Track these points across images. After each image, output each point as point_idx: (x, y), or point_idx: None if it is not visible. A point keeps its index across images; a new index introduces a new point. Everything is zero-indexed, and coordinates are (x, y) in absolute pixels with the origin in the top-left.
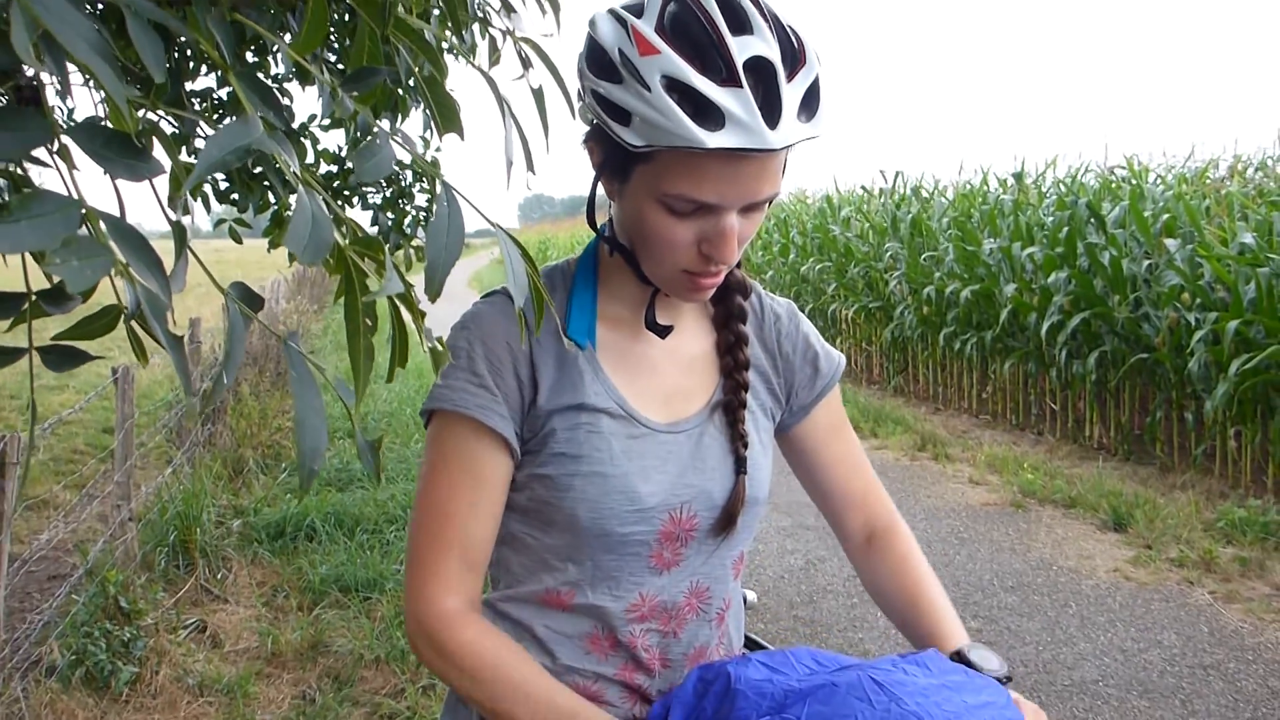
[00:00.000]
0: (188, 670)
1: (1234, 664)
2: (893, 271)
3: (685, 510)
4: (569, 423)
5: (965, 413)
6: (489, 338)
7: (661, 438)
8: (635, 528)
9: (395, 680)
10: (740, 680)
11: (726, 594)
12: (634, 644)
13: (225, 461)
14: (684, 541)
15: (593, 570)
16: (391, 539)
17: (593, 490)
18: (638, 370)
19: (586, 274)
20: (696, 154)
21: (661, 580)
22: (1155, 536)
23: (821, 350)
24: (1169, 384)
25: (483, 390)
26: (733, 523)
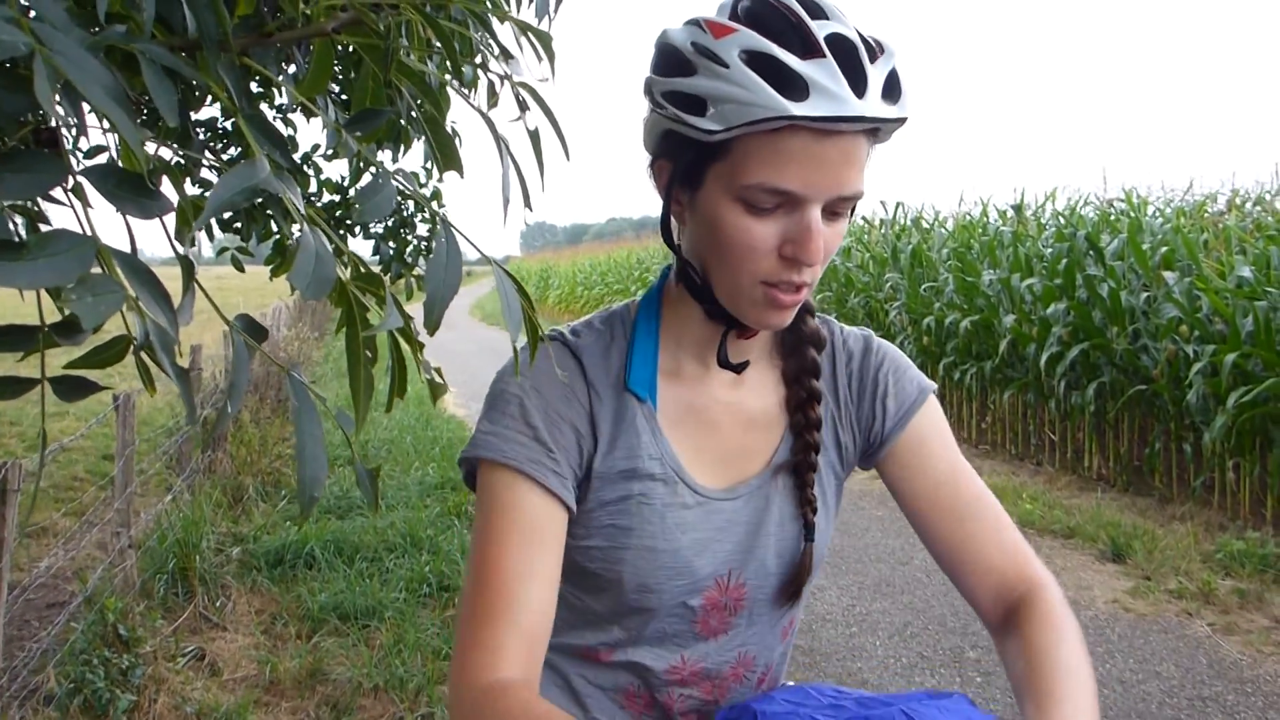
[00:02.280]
0: (186, 699)
1: (1232, 696)
2: (893, 302)
3: (734, 578)
4: (621, 491)
5: (965, 443)
6: (544, 387)
7: (718, 506)
8: (681, 597)
9: (394, 709)
10: (764, 715)
11: (772, 660)
12: (670, 705)
13: (225, 489)
14: (733, 610)
15: (634, 633)
16: (391, 566)
17: (643, 564)
18: (698, 428)
19: (649, 320)
20: (778, 137)
21: (706, 647)
22: (1154, 568)
23: (893, 384)
24: (1167, 415)
25: (537, 444)
26: (798, 594)
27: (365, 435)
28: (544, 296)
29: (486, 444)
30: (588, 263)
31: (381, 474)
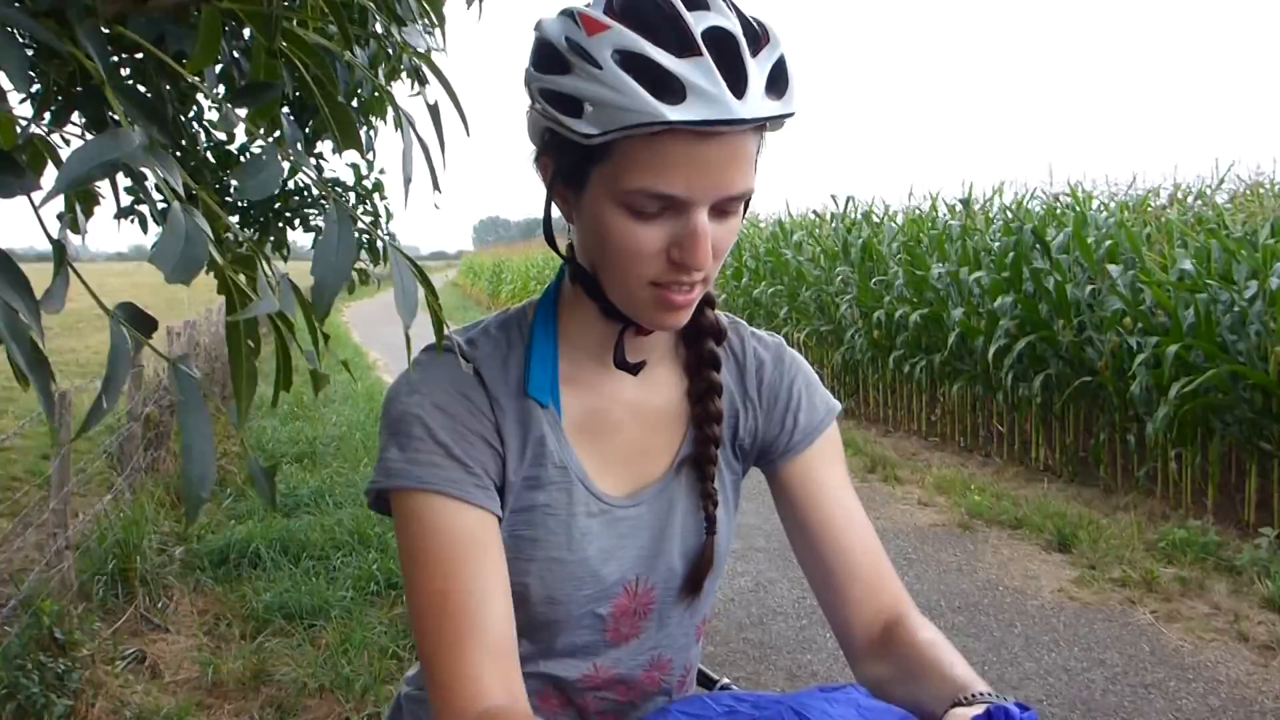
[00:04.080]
0: (125, 702)
1: (1174, 682)
2: (844, 295)
3: (642, 583)
4: (527, 501)
5: (915, 435)
6: (446, 402)
7: (624, 513)
8: (589, 606)
9: (339, 709)
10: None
11: (688, 662)
12: (586, 707)
13: (169, 488)
14: (642, 614)
15: (545, 646)
16: (338, 565)
17: (549, 576)
18: (601, 432)
19: (546, 323)
20: (657, 140)
21: (619, 653)
22: (1099, 557)
23: (805, 401)
24: (1112, 407)
25: (452, 462)
26: (699, 588)
27: (312, 432)
28: (497, 291)
29: (401, 473)
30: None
31: (331, 472)
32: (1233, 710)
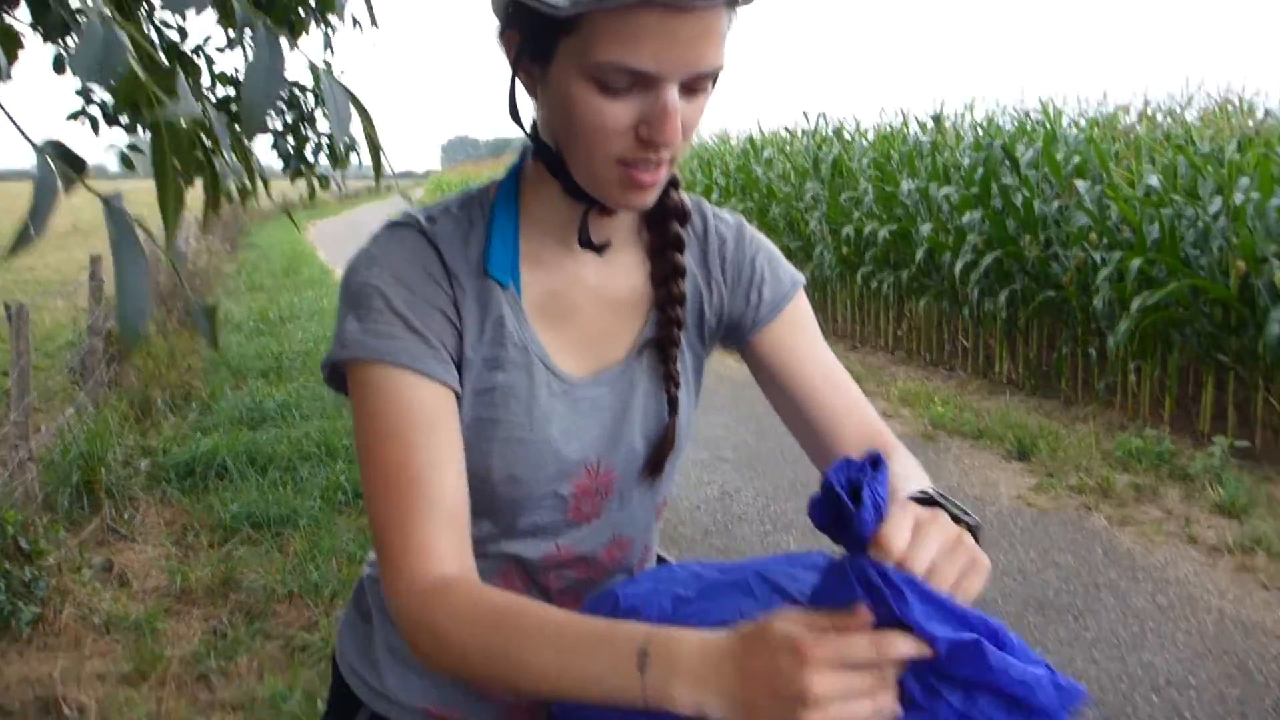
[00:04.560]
0: (93, 609)
1: (1125, 583)
2: (813, 211)
3: (603, 464)
4: (487, 382)
5: (881, 350)
6: (405, 275)
7: (584, 394)
8: (551, 486)
9: (309, 613)
10: (627, 598)
11: (648, 541)
12: (548, 585)
13: (132, 402)
14: (603, 494)
15: (507, 525)
16: (305, 475)
17: (511, 456)
18: (562, 314)
19: (508, 202)
20: (629, 13)
21: (580, 533)
22: (1057, 465)
23: (769, 274)
24: (1075, 321)
25: (411, 335)
26: (660, 469)
27: (280, 347)
28: None
29: (359, 344)
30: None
31: (297, 386)
32: (1180, 607)
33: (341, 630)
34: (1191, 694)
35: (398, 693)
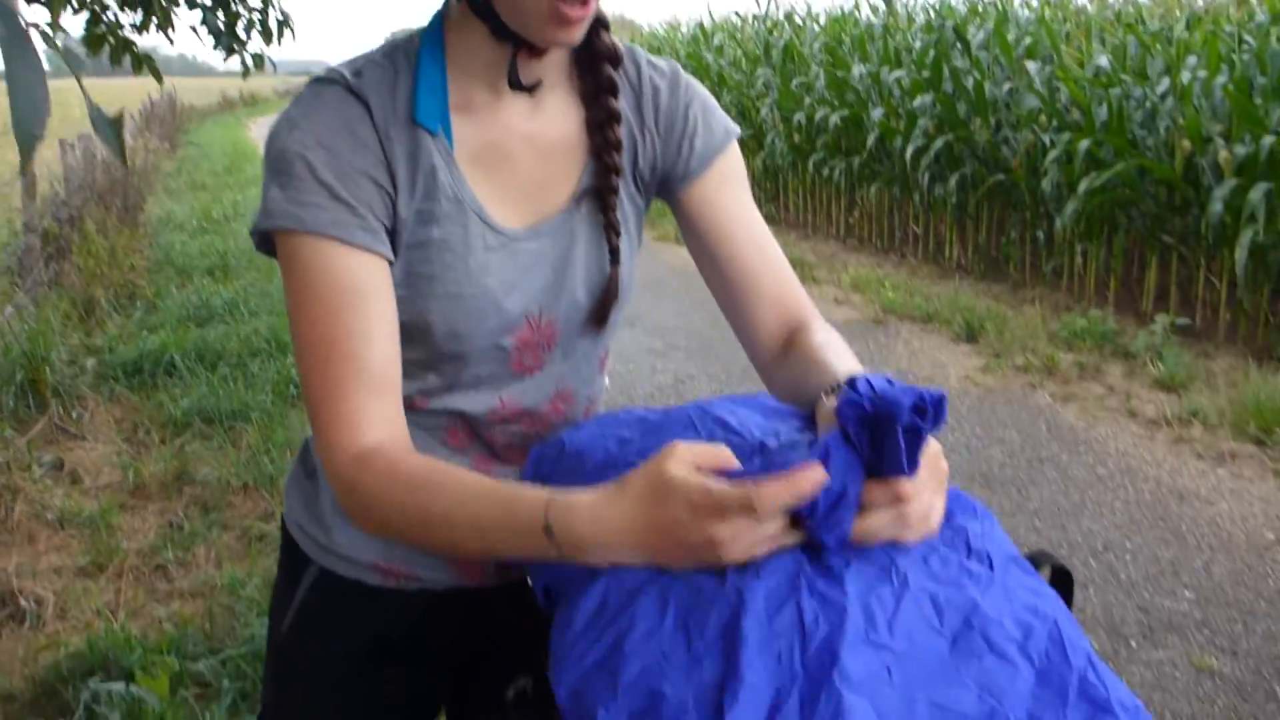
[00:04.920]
0: (45, 505)
1: (1067, 456)
2: (764, 99)
3: (545, 315)
4: (421, 236)
5: (833, 238)
6: (330, 139)
7: (522, 246)
8: (493, 339)
9: (265, 504)
10: (573, 443)
11: (592, 393)
12: (493, 440)
13: (74, 301)
14: (546, 347)
15: (450, 379)
16: (256, 371)
17: (451, 311)
18: (495, 163)
19: (433, 47)
20: None
21: (524, 385)
22: (1004, 346)
23: (702, 124)
24: (1024, 205)
25: (336, 204)
26: (604, 320)
27: (225, 245)
28: None
29: (283, 213)
30: None
31: (245, 283)
32: (1119, 477)
33: (288, 488)
34: (1128, 557)
35: (346, 549)
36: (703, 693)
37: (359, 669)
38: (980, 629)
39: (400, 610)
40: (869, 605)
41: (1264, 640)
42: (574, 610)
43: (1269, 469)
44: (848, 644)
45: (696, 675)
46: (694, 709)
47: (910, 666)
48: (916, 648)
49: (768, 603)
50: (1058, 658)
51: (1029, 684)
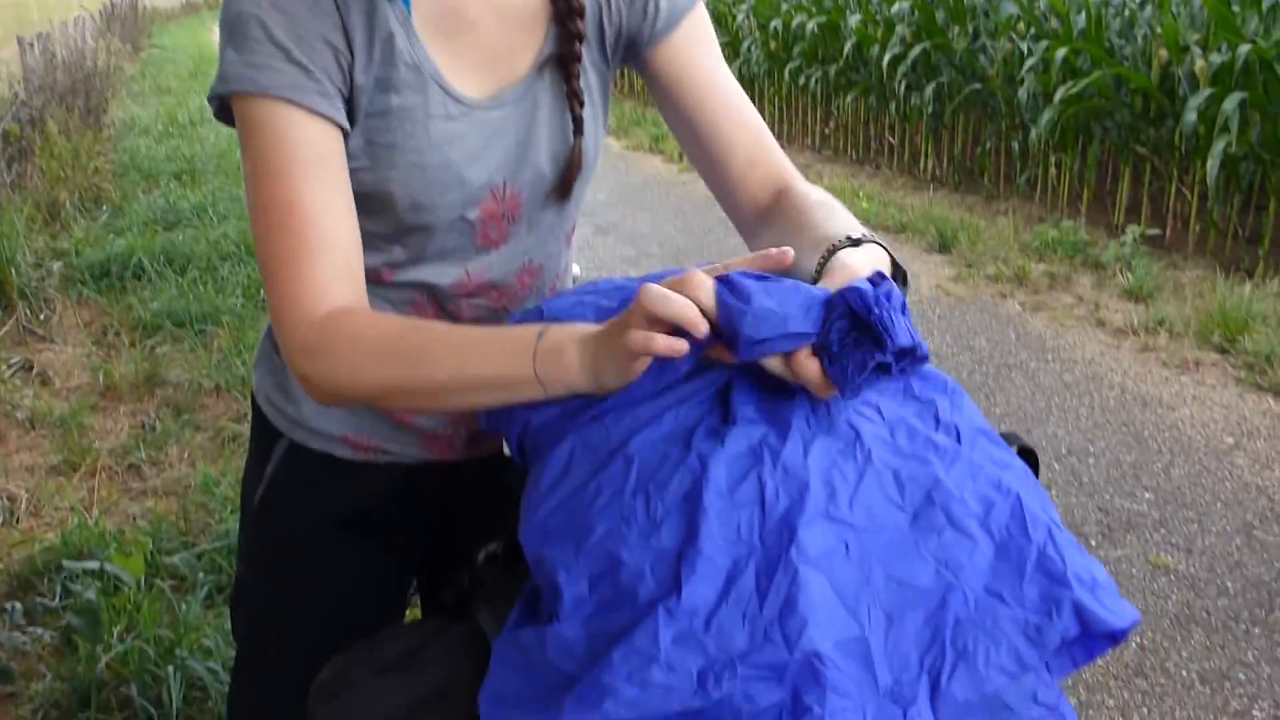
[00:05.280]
0: (15, 406)
1: (1035, 363)
2: (740, 4)
3: (509, 187)
4: (380, 105)
5: (808, 149)
6: (284, 1)
7: (484, 116)
8: (457, 211)
9: (238, 406)
10: (551, 311)
11: (560, 269)
12: (460, 314)
13: (38, 204)
14: (511, 219)
15: (416, 252)
16: (226, 274)
17: (413, 182)
18: (456, 30)
19: None
20: None
21: (490, 259)
22: (976, 257)
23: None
24: (999, 115)
25: (293, 67)
26: (568, 192)
27: (191, 150)
28: None
29: (238, 76)
30: None
31: (212, 188)
32: (1085, 384)
33: (257, 363)
34: (1090, 460)
35: (314, 421)
36: (661, 560)
37: (330, 541)
38: (942, 504)
39: (370, 483)
40: (831, 480)
41: (1218, 539)
42: (542, 471)
43: (1231, 376)
44: (806, 519)
45: (655, 541)
46: (651, 576)
47: (869, 541)
48: (876, 523)
49: (729, 473)
50: (1018, 532)
51: (987, 558)
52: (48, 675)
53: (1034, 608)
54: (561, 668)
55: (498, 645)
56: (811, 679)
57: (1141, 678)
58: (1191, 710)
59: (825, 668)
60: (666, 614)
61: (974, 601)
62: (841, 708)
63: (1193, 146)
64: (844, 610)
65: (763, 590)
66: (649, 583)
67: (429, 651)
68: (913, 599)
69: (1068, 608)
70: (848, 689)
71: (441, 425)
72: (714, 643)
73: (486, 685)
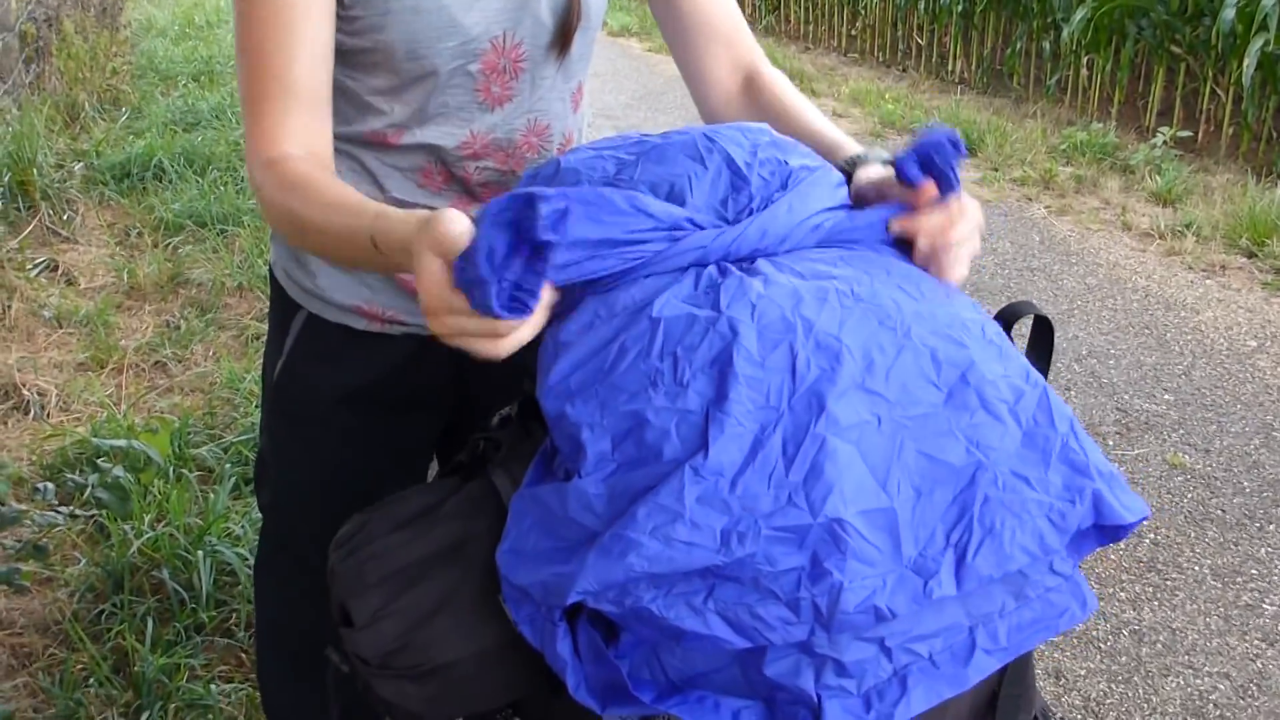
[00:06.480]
0: (42, 304)
1: (1058, 266)
2: None
3: (509, 38)
4: None
5: (834, 51)
6: None
7: None
8: (457, 62)
9: (260, 305)
10: (569, 163)
11: (568, 129)
12: (469, 178)
13: (58, 106)
14: (513, 74)
15: (418, 110)
16: (246, 176)
17: (410, 27)
18: None
19: None
20: None
21: (494, 117)
22: (1002, 160)
23: None
24: (1031, 14)
25: None
26: (568, 43)
27: (209, 51)
28: None
29: None
30: None
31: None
32: (1108, 288)
33: (273, 236)
34: (1110, 362)
35: (329, 292)
36: (686, 420)
37: (350, 412)
38: (976, 386)
39: (387, 354)
40: (869, 352)
41: (1236, 439)
42: (560, 330)
43: (1257, 280)
44: (839, 390)
45: (682, 403)
46: (676, 435)
47: (902, 416)
48: (911, 398)
49: (761, 341)
50: (1045, 422)
51: (1015, 443)
52: (82, 561)
53: (1058, 494)
54: (582, 523)
55: (515, 501)
56: (832, 544)
57: (1154, 572)
58: (1202, 604)
59: (847, 534)
60: (693, 472)
61: (1002, 482)
62: (861, 574)
63: (1229, 46)
64: (873, 481)
65: (790, 455)
66: (674, 442)
67: (444, 509)
68: (943, 475)
69: (1089, 497)
70: (870, 557)
71: None
72: (738, 503)
73: (505, 541)
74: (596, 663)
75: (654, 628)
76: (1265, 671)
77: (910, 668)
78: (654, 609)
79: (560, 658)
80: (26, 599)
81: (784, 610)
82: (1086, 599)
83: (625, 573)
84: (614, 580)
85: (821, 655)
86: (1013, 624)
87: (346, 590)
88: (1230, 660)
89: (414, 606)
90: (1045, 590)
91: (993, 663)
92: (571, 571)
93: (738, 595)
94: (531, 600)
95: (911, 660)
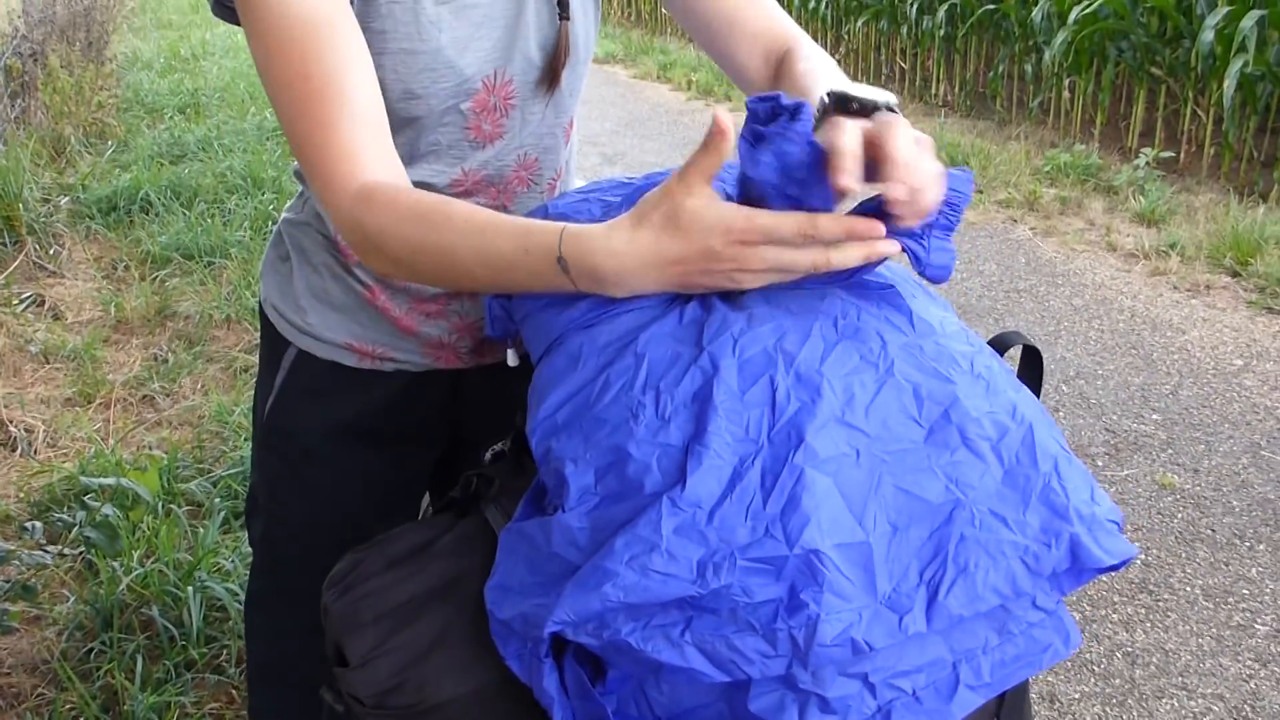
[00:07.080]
0: (29, 339)
1: (1044, 287)
2: None
3: (500, 76)
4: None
5: None
6: None
7: (473, 1)
8: (450, 102)
9: (248, 337)
10: (555, 207)
11: (558, 165)
12: None
13: (43, 140)
14: (503, 111)
15: (409, 148)
16: (233, 207)
17: (404, 69)
18: None
19: None
20: None
21: (485, 154)
22: (986, 181)
23: None
24: (1013, 37)
25: None
26: (556, 79)
27: (195, 83)
28: None
29: None
30: None
31: (217, 121)
32: (1094, 308)
33: (263, 273)
34: (1099, 383)
35: (319, 329)
36: (667, 454)
37: (342, 448)
38: (958, 423)
39: (377, 392)
40: (850, 386)
41: (1225, 459)
42: (549, 365)
43: (1242, 299)
44: (818, 423)
45: (663, 437)
46: (657, 469)
47: (881, 450)
48: (891, 433)
49: (742, 375)
50: (1027, 461)
51: (996, 482)
52: (71, 598)
53: (1034, 536)
54: (565, 557)
55: (503, 537)
56: (809, 576)
57: (1146, 593)
58: (1194, 625)
59: (824, 566)
60: (670, 504)
61: (979, 521)
62: (837, 608)
63: (1209, 67)
64: (849, 515)
65: (768, 487)
66: (655, 475)
67: (438, 546)
68: (920, 511)
69: (1065, 541)
70: (845, 590)
71: (445, 332)
72: (715, 535)
73: (492, 577)
74: (583, 699)
75: (633, 660)
76: (1259, 692)
77: (894, 704)
78: (632, 641)
79: (547, 694)
80: (14, 638)
81: (761, 642)
82: (1070, 635)
83: (601, 602)
84: (591, 611)
85: (805, 691)
86: (996, 660)
87: (341, 629)
88: (1224, 681)
89: (409, 645)
90: (1028, 626)
91: (976, 699)
92: (549, 602)
93: (715, 627)
94: (517, 635)
95: (895, 696)
